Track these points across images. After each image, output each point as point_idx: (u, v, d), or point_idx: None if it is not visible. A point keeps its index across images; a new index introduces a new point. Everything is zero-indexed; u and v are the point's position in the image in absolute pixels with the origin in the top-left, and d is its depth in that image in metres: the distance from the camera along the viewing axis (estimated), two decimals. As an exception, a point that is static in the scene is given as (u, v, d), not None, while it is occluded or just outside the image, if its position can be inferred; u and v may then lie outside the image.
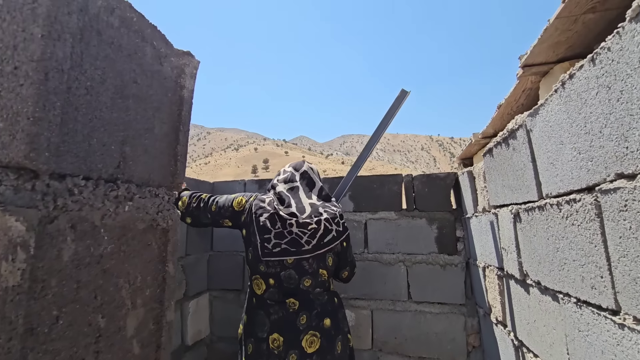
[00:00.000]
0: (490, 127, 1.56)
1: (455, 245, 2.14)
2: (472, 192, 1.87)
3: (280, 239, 1.32)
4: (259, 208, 1.39)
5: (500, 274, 1.54)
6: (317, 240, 1.33)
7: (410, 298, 2.16)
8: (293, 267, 1.34)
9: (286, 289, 1.35)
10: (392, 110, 1.72)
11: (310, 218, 1.32)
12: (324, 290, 1.41)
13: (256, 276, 1.39)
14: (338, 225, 1.38)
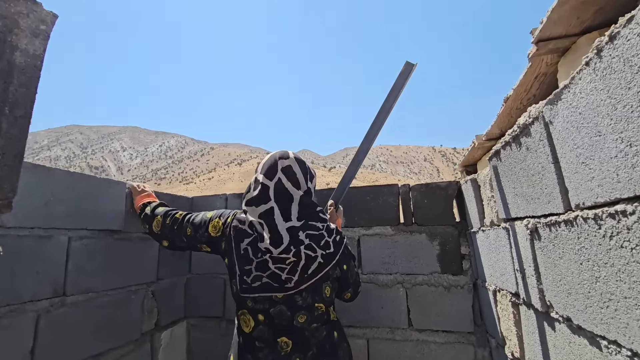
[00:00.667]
0: (495, 126, 1.33)
1: (460, 264, 1.88)
2: (477, 202, 1.63)
3: (262, 271, 1.09)
4: (239, 232, 1.15)
5: (515, 301, 1.28)
6: (300, 275, 1.09)
7: (411, 325, 1.90)
8: (284, 302, 1.11)
9: (278, 326, 1.11)
10: (397, 89, 1.48)
11: (288, 250, 1.07)
12: (322, 325, 1.16)
13: (243, 311, 1.16)
14: (326, 247, 1.12)
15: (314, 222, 1.14)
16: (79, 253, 1.50)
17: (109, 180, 1.69)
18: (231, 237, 1.16)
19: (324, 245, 1.11)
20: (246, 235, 1.12)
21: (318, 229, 1.13)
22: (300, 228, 1.11)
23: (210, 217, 1.27)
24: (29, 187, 1.32)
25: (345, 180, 1.64)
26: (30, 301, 1.30)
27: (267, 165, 1.20)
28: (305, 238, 1.09)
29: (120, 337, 1.68)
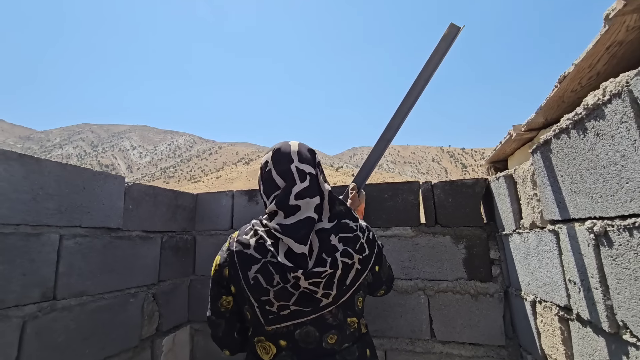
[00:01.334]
0: (540, 114, 1.16)
1: (489, 270, 1.71)
2: (512, 201, 1.45)
3: (285, 300, 0.89)
4: (243, 258, 0.93)
5: (564, 316, 1.11)
6: (338, 288, 0.90)
7: (434, 336, 1.72)
8: (311, 322, 0.92)
9: (304, 350, 0.92)
10: (438, 55, 1.29)
11: (322, 263, 0.88)
12: (353, 344, 0.97)
13: (260, 338, 0.96)
14: (362, 251, 0.94)
15: (347, 221, 0.96)
16: (71, 253, 1.37)
17: (106, 174, 1.56)
18: (234, 262, 0.95)
19: (359, 249, 0.93)
20: (253, 262, 0.92)
21: (352, 230, 0.94)
22: (331, 230, 0.93)
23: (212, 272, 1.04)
24: (15, 179, 1.19)
25: (370, 161, 1.44)
26: (15, 306, 1.17)
27: (279, 156, 1.01)
28: (339, 242, 0.91)
29: (117, 344, 1.55)
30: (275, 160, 1.00)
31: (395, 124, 1.39)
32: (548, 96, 1.06)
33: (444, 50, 1.29)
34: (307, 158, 1.01)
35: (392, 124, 1.39)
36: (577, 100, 1.05)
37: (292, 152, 1.00)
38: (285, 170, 0.98)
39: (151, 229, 1.81)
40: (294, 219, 0.93)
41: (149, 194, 1.81)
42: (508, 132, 1.43)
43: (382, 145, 1.42)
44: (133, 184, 1.71)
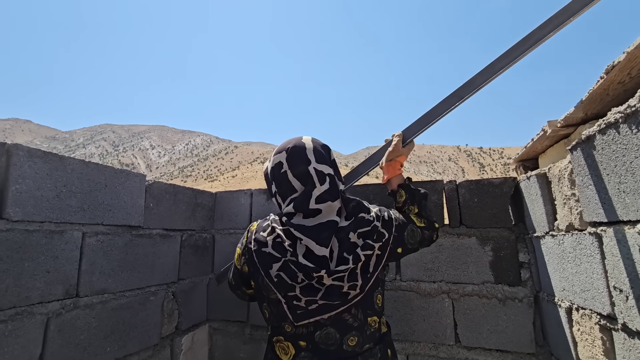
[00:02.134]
0: (580, 108, 1.08)
1: (518, 273, 1.63)
2: (545, 202, 1.37)
3: (312, 295, 0.88)
4: (263, 255, 0.92)
5: (606, 325, 1.03)
6: (362, 276, 0.89)
7: (459, 342, 1.66)
8: (331, 323, 0.90)
9: (324, 352, 0.90)
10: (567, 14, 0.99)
11: (345, 261, 0.87)
12: (375, 344, 0.94)
13: (279, 338, 0.95)
14: (381, 237, 0.93)
15: (363, 215, 0.94)
16: (94, 250, 1.38)
17: (128, 172, 1.56)
18: (254, 260, 0.94)
19: (378, 237, 0.93)
20: (273, 260, 0.90)
21: (369, 222, 0.93)
22: (349, 228, 0.91)
23: (235, 258, 1.07)
24: (39, 176, 1.19)
25: (431, 114, 1.26)
26: (40, 303, 1.18)
27: (293, 157, 0.97)
28: (358, 239, 0.90)
29: (138, 342, 1.55)
30: (290, 162, 0.95)
31: (478, 81, 1.16)
32: (591, 89, 0.98)
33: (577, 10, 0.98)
34: (324, 157, 0.98)
35: (474, 81, 1.17)
36: (624, 93, 0.97)
37: (308, 152, 0.96)
38: (303, 172, 0.94)
39: (171, 227, 1.81)
40: (314, 221, 0.91)
41: (169, 192, 1.81)
42: (542, 128, 1.35)
43: (453, 101, 1.22)
44: (154, 182, 1.71)
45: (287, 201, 0.95)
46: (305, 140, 0.99)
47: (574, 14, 0.99)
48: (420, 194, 1.13)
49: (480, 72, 1.16)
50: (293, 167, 0.95)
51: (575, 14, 0.98)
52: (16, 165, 1.12)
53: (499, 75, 1.15)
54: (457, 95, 1.21)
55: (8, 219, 1.10)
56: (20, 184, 1.13)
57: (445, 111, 1.24)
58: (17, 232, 1.12)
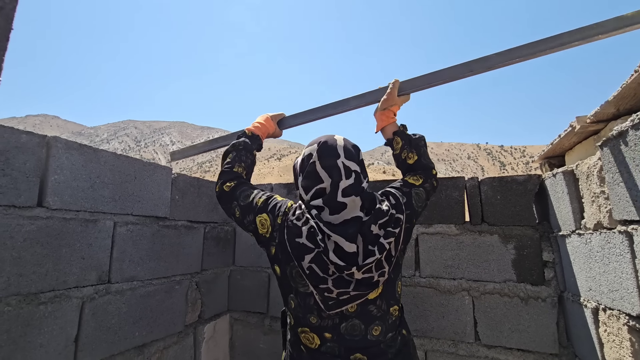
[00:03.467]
0: (612, 104, 1.05)
1: (541, 273, 1.60)
2: (572, 200, 1.34)
3: (344, 287, 0.89)
4: (297, 246, 0.91)
5: (636, 326, 1.00)
6: (388, 262, 0.92)
7: (479, 340, 1.64)
8: (357, 314, 0.92)
9: (349, 342, 0.93)
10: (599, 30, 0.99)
11: (371, 253, 0.88)
12: (396, 333, 0.97)
13: (304, 329, 0.96)
14: (399, 223, 0.94)
15: (379, 206, 0.94)
16: (124, 239, 1.44)
17: (155, 164, 1.62)
18: (287, 250, 0.93)
19: (395, 224, 0.93)
20: (307, 251, 0.89)
21: (387, 212, 0.93)
22: (370, 221, 0.91)
23: (259, 205, 1.01)
24: (75, 168, 1.26)
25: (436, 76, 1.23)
26: (76, 287, 1.25)
27: (320, 152, 0.98)
28: (380, 229, 0.91)
29: (163, 328, 1.61)
30: (321, 154, 0.97)
31: (493, 60, 1.14)
32: (624, 83, 0.95)
33: (599, 33, 0.99)
34: (353, 155, 0.99)
35: (490, 60, 1.15)
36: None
37: (338, 147, 0.98)
38: (331, 165, 0.95)
39: (195, 219, 1.87)
40: (340, 217, 0.92)
41: (194, 185, 1.87)
42: (570, 124, 1.32)
43: (462, 70, 1.19)
44: (179, 175, 1.77)
45: (313, 192, 0.96)
46: (337, 138, 1.01)
47: (605, 33, 0.98)
48: (416, 138, 1.14)
49: (498, 53, 1.14)
50: (322, 159, 0.96)
51: (605, 33, 0.98)
52: (55, 157, 1.19)
53: (514, 64, 1.12)
54: (468, 67, 1.18)
55: (48, 207, 1.16)
56: (59, 174, 1.20)
57: (452, 78, 1.21)
58: (56, 220, 1.19)
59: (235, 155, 1.16)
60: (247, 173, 1.17)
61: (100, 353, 1.31)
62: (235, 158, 1.15)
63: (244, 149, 1.18)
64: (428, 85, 1.24)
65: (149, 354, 1.52)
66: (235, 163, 1.15)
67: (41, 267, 1.13)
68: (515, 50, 1.11)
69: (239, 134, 1.25)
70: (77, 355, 1.23)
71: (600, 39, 1.00)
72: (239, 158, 1.16)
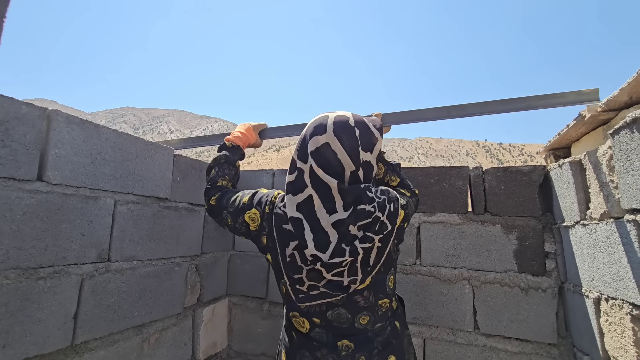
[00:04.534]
0: (625, 91, 1.03)
1: (543, 263, 1.59)
2: (578, 190, 1.33)
3: (316, 281, 0.88)
4: (282, 232, 0.91)
5: (639, 315, 1.00)
6: (362, 270, 0.88)
7: (477, 328, 1.65)
8: (343, 304, 0.92)
9: (337, 329, 0.93)
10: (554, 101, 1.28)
11: (340, 252, 0.84)
12: (386, 323, 0.96)
13: (294, 314, 0.98)
14: (383, 229, 0.87)
15: (364, 206, 0.87)
16: (124, 218, 1.42)
17: (157, 144, 1.60)
18: (274, 236, 0.93)
19: (379, 229, 0.87)
20: (291, 238, 0.89)
21: (370, 214, 0.87)
22: (349, 221, 0.85)
23: (245, 204, 1.01)
24: (76, 142, 1.24)
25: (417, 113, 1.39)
26: (75, 264, 1.23)
27: (300, 142, 0.94)
28: (359, 231, 0.86)
29: (162, 309, 1.61)
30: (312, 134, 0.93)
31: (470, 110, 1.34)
32: (639, 70, 0.93)
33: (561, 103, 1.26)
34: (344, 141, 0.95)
35: (467, 109, 1.34)
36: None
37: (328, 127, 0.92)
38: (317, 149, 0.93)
39: (196, 202, 1.85)
40: None
41: (195, 167, 1.85)
42: (580, 112, 1.30)
43: (442, 114, 1.37)
44: (180, 156, 1.75)
45: None
46: (330, 120, 0.99)
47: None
48: (395, 164, 1.18)
49: (475, 104, 1.35)
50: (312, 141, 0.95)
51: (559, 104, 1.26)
52: (56, 130, 1.17)
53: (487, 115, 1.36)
54: (447, 111, 1.37)
55: (48, 181, 1.14)
56: (60, 148, 1.17)
57: (431, 119, 1.40)
58: (56, 195, 1.17)
59: (218, 170, 1.16)
60: (232, 185, 1.17)
61: (100, 331, 1.30)
62: (218, 173, 1.15)
63: (225, 163, 1.18)
64: (408, 122, 1.39)
65: (147, 334, 1.52)
66: (219, 178, 1.14)
67: (40, 241, 1.12)
68: (489, 105, 1.33)
69: (220, 146, 1.24)
70: (76, 331, 1.22)
71: (561, 106, 1.27)
72: (222, 172, 1.16)
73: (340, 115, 0.93)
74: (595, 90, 1.23)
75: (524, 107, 1.32)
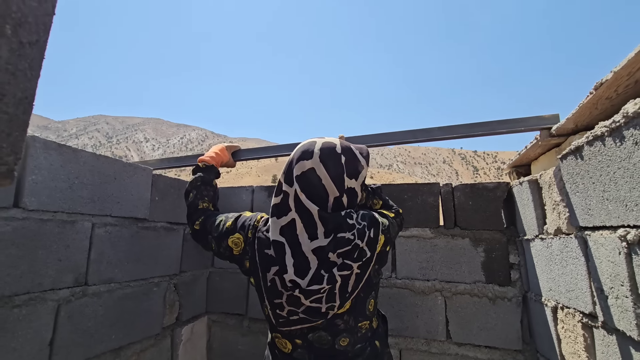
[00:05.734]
0: (571, 120, 1.15)
1: (508, 274, 1.70)
2: (536, 207, 1.45)
3: (295, 307, 0.91)
4: (264, 257, 0.94)
5: (588, 323, 1.11)
6: (341, 297, 0.90)
7: (450, 338, 1.73)
8: (324, 328, 0.94)
9: (317, 350, 0.96)
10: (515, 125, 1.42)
11: (318, 279, 0.88)
12: (366, 344, 1.00)
13: (277, 335, 1.01)
14: (362, 256, 0.90)
15: (344, 234, 0.89)
16: (102, 240, 1.42)
17: (135, 165, 1.61)
18: (256, 261, 0.96)
19: (358, 256, 0.90)
20: (272, 263, 0.92)
21: (350, 241, 0.89)
22: (329, 248, 0.89)
23: (228, 228, 1.03)
24: (54, 168, 1.24)
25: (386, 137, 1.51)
26: (52, 289, 1.22)
27: (287, 166, 0.98)
28: (338, 258, 0.89)
29: (141, 331, 1.60)
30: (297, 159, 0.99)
31: (435, 133, 1.45)
32: (581, 103, 1.05)
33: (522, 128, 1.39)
34: (330, 168, 0.98)
35: (432, 133, 1.44)
36: (611, 107, 1.05)
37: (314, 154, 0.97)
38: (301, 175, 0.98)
39: (175, 221, 1.85)
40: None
41: (174, 186, 1.86)
42: (535, 136, 1.43)
43: (406, 136, 1.48)
44: (160, 176, 1.76)
45: None
46: (316, 147, 1.02)
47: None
48: (376, 188, 1.23)
49: (441, 127, 1.46)
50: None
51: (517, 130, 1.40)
52: (33, 157, 1.17)
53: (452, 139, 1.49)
54: (412, 134, 1.47)
55: (24, 207, 1.14)
56: (36, 174, 1.17)
57: (396, 141, 1.50)
58: (32, 221, 1.16)
59: (196, 193, 1.17)
60: (213, 205, 1.20)
61: (76, 357, 1.29)
62: (197, 196, 1.17)
63: (202, 184, 1.20)
64: (375, 145, 1.49)
65: (125, 357, 1.51)
66: (199, 201, 1.16)
67: (16, 269, 1.11)
68: (456, 128, 1.44)
69: (194, 169, 1.27)
70: (52, 358, 1.20)
71: (523, 131, 1.39)
72: (201, 194, 1.17)
73: (328, 141, 0.98)
74: (556, 115, 1.35)
75: (488, 131, 1.43)
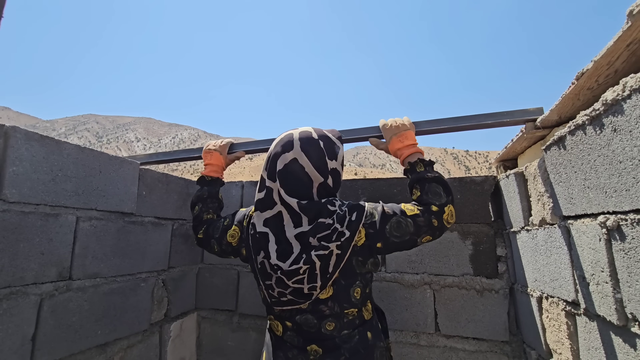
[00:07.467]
0: (554, 111, 1.17)
1: (495, 266, 1.72)
2: (522, 199, 1.47)
3: (283, 288, 0.97)
4: (255, 242, 1.02)
5: (571, 311, 1.12)
6: (322, 277, 0.94)
7: (438, 330, 1.74)
8: (310, 311, 0.99)
9: (306, 333, 1.00)
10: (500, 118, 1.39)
11: (298, 260, 0.93)
12: (353, 329, 1.01)
13: (270, 317, 1.09)
14: (341, 236, 0.93)
15: (324, 220, 0.95)
16: (87, 235, 1.40)
17: (122, 159, 1.59)
18: (250, 246, 1.04)
19: (337, 237, 0.93)
20: (260, 248, 1.00)
21: (329, 226, 0.94)
22: (310, 233, 0.95)
23: (226, 224, 1.15)
24: (36, 159, 1.22)
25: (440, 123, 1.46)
26: (34, 284, 1.20)
27: (267, 161, 1.04)
28: (317, 242, 0.94)
29: (128, 327, 1.58)
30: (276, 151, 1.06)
31: (424, 127, 1.44)
32: (564, 93, 1.07)
33: (508, 120, 1.38)
34: (311, 155, 1.05)
35: (420, 126, 1.44)
36: (593, 97, 1.06)
37: (294, 143, 1.04)
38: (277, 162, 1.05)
39: (163, 216, 1.84)
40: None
41: (162, 181, 1.84)
42: (520, 129, 1.44)
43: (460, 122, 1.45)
44: (147, 170, 1.74)
45: None
46: (295, 137, 1.08)
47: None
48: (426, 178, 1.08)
49: (429, 121, 1.43)
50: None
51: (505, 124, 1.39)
52: (14, 147, 1.14)
53: (440, 132, 1.47)
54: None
55: (5, 199, 1.12)
56: (18, 165, 1.15)
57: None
58: (14, 213, 1.14)
59: (202, 206, 1.27)
60: (217, 216, 1.29)
61: (60, 352, 1.27)
62: (202, 208, 1.26)
63: (208, 198, 1.28)
64: (359, 137, 1.44)
65: (111, 353, 1.49)
66: (204, 213, 1.25)
67: (-4, 262, 1.09)
68: (442, 122, 1.44)
69: (198, 181, 1.33)
70: (35, 354, 1.18)
71: (510, 124, 1.39)
72: (206, 207, 1.27)
73: (304, 131, 1.04)
74: (540, 108, 1.37)
75: (475, 123, 1.44)
